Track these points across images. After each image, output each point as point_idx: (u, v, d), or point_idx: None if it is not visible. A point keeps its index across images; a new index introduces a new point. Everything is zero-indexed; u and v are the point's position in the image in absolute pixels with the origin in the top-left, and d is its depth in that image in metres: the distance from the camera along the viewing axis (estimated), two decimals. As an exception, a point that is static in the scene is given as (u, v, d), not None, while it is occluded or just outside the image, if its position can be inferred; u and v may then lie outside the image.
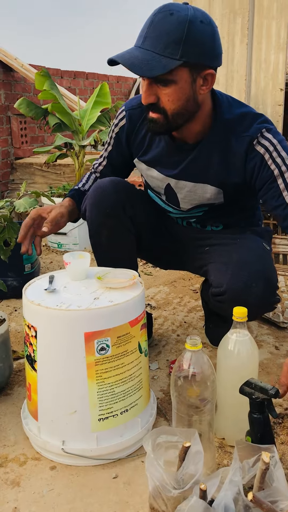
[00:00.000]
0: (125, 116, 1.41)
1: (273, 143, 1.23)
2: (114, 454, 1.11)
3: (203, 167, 1.31)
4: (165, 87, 1.14)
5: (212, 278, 1.36)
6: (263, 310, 1.36)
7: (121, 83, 6.86)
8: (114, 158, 1.50)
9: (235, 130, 1.25)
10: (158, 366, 1.53)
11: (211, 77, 1.17)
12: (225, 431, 1.17)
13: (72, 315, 1.03)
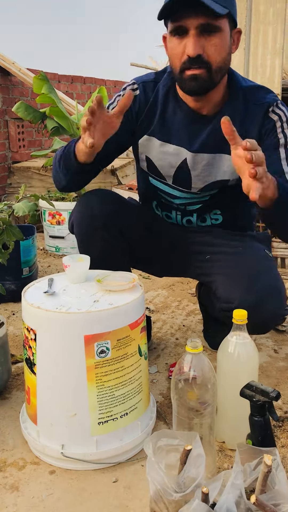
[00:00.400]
0: (138, 88, 1.35)
1: (286, 115, 1.27)
2: (114, 458, 1.10)
3: (222, 137, 1.27)
4: (213, 36, 1.15)
5: (221, 293, 1.32)
6: (276, 323, 1.34)
7: (119, 88, 6.87)
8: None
9: (253, 98, 1.29)
10: (157, 370, 1.53)
11: (238, 37, 1.23)
12: (225, 435, 1.16)
13: (72, 318, 1.02)
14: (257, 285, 1.26)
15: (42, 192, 3.49)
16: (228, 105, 1.29)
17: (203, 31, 1.14)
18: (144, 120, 1.36)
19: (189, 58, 1.16)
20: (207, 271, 1.41)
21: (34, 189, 3.64)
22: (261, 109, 1.27)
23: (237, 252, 1.36)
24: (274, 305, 1.26)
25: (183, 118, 1.32)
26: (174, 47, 1.19)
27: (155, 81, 1.35)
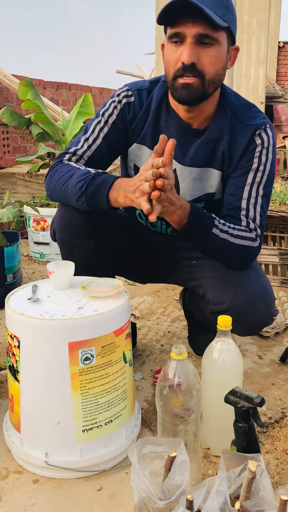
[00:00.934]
0: (133, 94, 1.33)
1: (269, 141, 1.28)
2: (98, 465, 1.09)
3: (211, 151, 1.30)
4: (209, 48, 1.15)
5: (210, 295, 1.34)
6: (265, 325, 1.35)
7: (104, 95, 6.89)
8: (109, 141, 1.35)
9: (242, 117, 1.29)
10: (142, 376, 1.52)
11: (235, 54, 1.23)
12: (210, 441, 1.16)
13: (56, 325, 1.02)
14: (247, 286, 1.27)
15: (26, 198, 3.47)
16: (217, 121, 1.29)
17: (200, 41, 1.13)
18: (136, 127, 1.34)
19: (183, 66, 1.15)
20: (194, 275, 1.42)
21: (19, 195, 3.62)
22: (249, 130, 1.27)
23: None
24: (265, 306, 1.28)
25: (174, 130, 1.31)
26: (170, 53, 1.18)
27: (149, 89, 1.34)
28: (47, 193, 1.36)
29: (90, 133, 1.34)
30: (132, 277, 1.63)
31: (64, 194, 1.27)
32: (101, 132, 1.34)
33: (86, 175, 1.22)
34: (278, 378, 1.53)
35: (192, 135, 1.31)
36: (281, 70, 10.73)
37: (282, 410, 1.34)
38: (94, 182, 1.20)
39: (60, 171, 1.29)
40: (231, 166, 1.29)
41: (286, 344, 1.76)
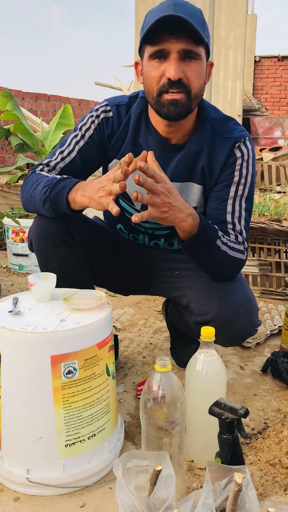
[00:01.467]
0: (111, 110, 1.33)
1: (249, 154, 1.29)
2: (81, 481, 1.07)
3: (190, 165, 1.31)
4: (193, 63, 1.16)
5: (194, 306, 1.34)
6: (249, 335, 1.35)
7: (83, 106, 6.91)
8: (84, 154, 1.34)
9: (220, 130, 1.30)
10: (124, 389, 1.51)
11: (210, 69, 1.25)
12: (194, 453, 1.16)
13: (38, 338, 1.00)
14: (231, 296, 1.28)
15: (5, 209, 3.44)
16: (196, 135, 1.30)
17: (184, 56, 1.15)
18: (115, 144, 1.34)
19: (169, 81, 1.15)
20: (177, 286, 1.42)
21: (-3, 206, 3.58)
22: (228, 143, 1.28)
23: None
24: (248, 316, 1.29)
25: (154, 145, 1.31)
26: (152, 70, 1.18)
27: (128, 104, 1.34)
28: (22, 205, 1.36)
29: (66, 146, 1.34)
30: (114, 289, 1.62)
31: (33, 202, 1.27)
32: (76, 146, 1.33)
33: (51, 181, 1.22)
34: (260, 388, 1.53)
35: (171, 150, 1.32)
36: (257, 84, 10.94)
37: (265, 421, 1.34)
38: (57, 186, 1.20)
39: (30, 182, 1.30)
40: (212, 179, 1.30)
41: (267, 355, 1.77)
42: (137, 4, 3.17)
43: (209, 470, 0.82)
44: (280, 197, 3.17)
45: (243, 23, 6.91)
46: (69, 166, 1.33)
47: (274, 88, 10.81)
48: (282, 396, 1.48)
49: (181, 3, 1.13)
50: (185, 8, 1.13)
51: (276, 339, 1.91)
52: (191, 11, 1.13)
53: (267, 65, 10.78)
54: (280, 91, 10.77)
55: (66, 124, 3.09)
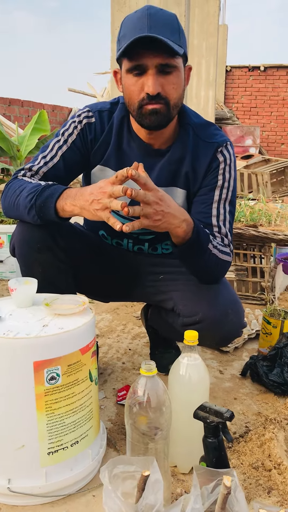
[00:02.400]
0: (94, 115, 1.33)
1: (231, 158, 1.31)
2: (64, 489, 1.05)
3: (174, 170, 1.32)
4: (170, 75, 1.17)
5: (182, 308, 1.34)
6: (236, 336, 1.37)
7: (57, 112, 6.88)
8: (67, 159, 1.33)
9: (203, 135, 1.31)
10: (104, 395, 1.50)
11: (188, 73, 1.25)
12: (177, 458, 1.15)
13: (21, 344, 0.98)
14: (219, 298, 1.30)
15: (-21, 215, 3.37)
16: (179, 141, 1.31)
17: (161, 70, 1.16)
18: (98, 149, 1.34)
19: (148, 96, 1.17)
20: (162, 289, 1.42)
21: None
22: (211, 148, 1.30)
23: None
24: (237, 317, 1.31)
25: (137, 151, 1.32)
26: (131, 84, 1.19)
27: (110, 110, 1.34)
28: (2, 211, 1.33)
29: (49, 151, 1.33)
30: (94, 295, 1.60)
31: (17, 209, 1.25)
32: (59, 151, 1.32)
33: (36, 188, 1.20)
34: (240, 392, 1.54)
35: (155, 155, 1.33)
36: (228, 93, 11.12)
37: (246, 425, 1.35)
38: (44, 194, 1.18)
39: (13, 188, 1.27)
40: (196, 183, 1.32)
41: (245, 359, 1.79)
42: (113, 11, 3.18)
43: (196, 474, 0.82)
44: (254, 203, 3.22)
45: (215, 33, 7.02)
46: (52, 170, 1.31)
47: (245, 98, 11.01)
48: (261, 400, 1.49)
49: (155, 13, 1.14)
50: (160, 19, 1.13)
51: (254, 343, 1.93)
52: (166, 21, 1.14)
53: (238, 74, 10.98)
54: (251, 101, 10.98)
55: (41, 130, 3.06)
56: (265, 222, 2.72)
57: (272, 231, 2.23)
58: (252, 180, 6.71)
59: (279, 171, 7.42)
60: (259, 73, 10.82)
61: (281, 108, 10.79)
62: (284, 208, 3.14)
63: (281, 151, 10.85)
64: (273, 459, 1.13)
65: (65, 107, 7.30)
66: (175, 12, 3.20)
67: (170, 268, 1.42)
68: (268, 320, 1.74)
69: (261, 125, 10.86)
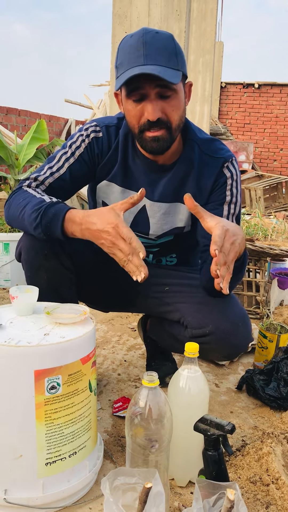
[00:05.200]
0: (101, 130, 1.34)
1: (237, 174, 1.34)
2: (60, 501, 1.04)
3: (178, 186, 1.33)
4: (170, 99, 1.17)
5: (190, 319, 1.34)
6: (244, 349, 1.37)
7: (53, 122, 6.90)
8: (73, 172, 1.33)
9: (208, 150, 1.32)
10: (100, 407, 1.49)
11: (189, 89, 1.26)
12: (175, 471, 1.14)
13: (22, 352, 0.97)
14: (230, 311, 1.30)
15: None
16: (184, 156, 1.33)
17: (161, 95, 1.16)
18: (105, 165, 1.35)
19: (148, 122, 1.18)
20: (167, 301, 1.42)
21: None
22: (217, 163, 1.31)
23: (197, 284, 1.38)
24: (246, 331, 1.31)
25: (142, 167, 1.33)
26: (131, 109, 1.20)
27: (117, 126, 1.35)
28: (6, 220, 1.33)
29: (55, 162, 1.33)
30: (96, 304, 1.59)
31: (22, 223, 1.25)
32: (66, 162, 1.33)
33: (40, 205, 1.19)
34: (236, 406, 1.54)
35: (159, 171, 1.34)
36: (223, 109, 11.25)
37: (242, 438, 1.35)
38: (48, 213, 1.17)
39: (17, 199, 1.27)
40: (202, 199, 1.33)
41: (241, 372, 1.79)
42: (114, 25, 3.22)
43: (198, 487, 0.82)
44: (250, 217, 3.24)
45: (211, 49, 7.11)
46: (57, 182, 1.32)
47: (238, 114, 11.14)
48: (258, 414, 1.49)
49: (151, 40, 1.13)
50: (156, 45, 1.13)
51: (249, 357, 1.93)
52: (162, 46, 1.14)
53: (232, 91, 11.12)
54: (244, 117, 11.11)
55: (40, 139, 3.07)
56: (261, 237, 2.74)
57: (269, 246, 2.24)
58: (246, 195, 6.76)
59: (272, 187, 7.50)
60: (253, 90, 10.97)
61: (274, 125, 10.93)
62: (280, 223, 3.17)
63: (273, 168, 10.97)
64: (271, 473, 1.13)
65: (61, 118, 7.32)
66: (176, 28, 3.25)
67: (176, 280, 1.42)
68: (264, 334, 1.75)
69: (254, 141, 10.99)
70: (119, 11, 3.24)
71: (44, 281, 1.25)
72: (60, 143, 3.51)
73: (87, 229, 1.13)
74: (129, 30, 3.22)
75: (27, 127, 5.89)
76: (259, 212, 3.30)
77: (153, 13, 3.23)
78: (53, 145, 3.21)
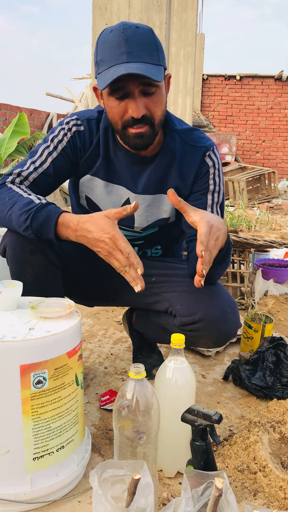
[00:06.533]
0: (82, 124, 1.33)
1: (218, 162, 1.34)
2: (49, 495, 1.04)
3: (161, 177, 1.33)
4: (153, 95, 1.17)
5: (179, 308, 1.34)
6: (233, 336, 1.37)
7: (34, 116, 6.83)
8: (57, 166, 1.32)
9: (189, 140, 1.32)
10: (87, 400, 1.48)
11: (168, 80, 1.25)
12: (163, 463, 1.15)
13: (7, 347, 0.96)
14: (218, 298, 1.31)
15: None
16: (166, 147, 1.32)
17: (144, 92, 1.16)
18: (88, 158, 1.34)
19: (132, 119, 1.17)
20: (155, 291, 1.42)
21: None
22: (198, 152, 1.31)
23: (184, 273, 1.39)
24: (235, 317, 1.32)
25: (123, 159, 1.33)
26: (113, 106, 1.18)
27: (98, 119, 1.34)
28: None
29: (38, 156, 1.31)
30: (81, 298, 1.58)
31: (9, 223, 1.23)
32: (49, 157, 1.31)
33: (29, 206, 1.18)
34: (223, 396, 1.55)
35: (142, 163, 1.33)
36: (205, 101, 11.26)
37: (229, 428, 1.36)
38: (39, 217, 1.16)
39: (2, 197, 1.25)
40: (186, 189, 1.33)
41: (227, 363, 1.80)
42: (94, 17, 3.18)
43: (187, 477, 0.82)
44: (234, 209, 3.25)
45: (192, 41, 7.10)
46: (41, 176, 1.30)
47: (221, 106, 11.16)
48: (244, 403, 1.50)
49: (132, 36, 1.12)
50: (137, 41, 1.12)
51: (235, 347, 1.95)
52: (143, 41, 1.13)
53: (214, 83, 11.13)
54: (227, 109, 11.14)
55: (21, 133, 3.04)
56: (245, 228, 2.75)
57: (253, 237, 2.26)
58: (229, 187, 6.79)
59: (255, 179, 7.54)
60: (235, 82, 10.99)
61: (256, 117, 10.99)
62: (263, 215, 3.19)
63: (256, 159, 11.04)
64: (258, 461, 1.14)
65: (43, 111, 7.26)
66: (157, 19, 3.23)
67: (162, 271, 1.42)
68: (249, 324, 1.76)
69: (237, 133, 11.04)
70: (99, 3, 3.21)
71: (30, 276, 1.24)
72: (41, 136, 3.47)
73: (83, 236, 1.13)
74: (110, 22, 3.20)
75: (8, 121, 5.82)
76: (242, 203, 3.32)
77: (133, 5, 3.20)
78: (35, 138, 3.17)
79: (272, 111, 10.87)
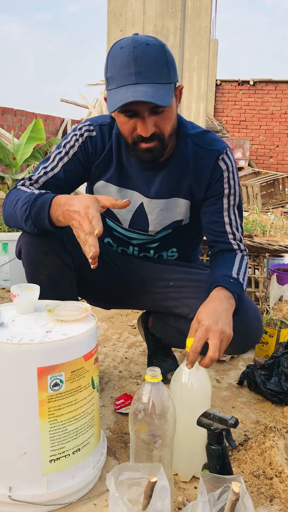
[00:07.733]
0: (95, 129, 1.34)
1: (232, 165, 1.34)
2: (65, 498, 1.04)
3: (175, 181, 1.34)
4: (162, 113, 1.16)
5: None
6: (256, 342, 1.39)
7: (49, 122, 6.90)
8: (68, 171, 1.34)
9: (202, 143, 1.32)
10: (102, 404, 1.49)
11: (180, 92, 1.25)
12: (178, 466, 1.15)
13: (25, 349, 0.97)
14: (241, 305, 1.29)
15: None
16: (178, 151, 1.32)
17: (153, 110, 1.15)
18: (100, 163, 1.35)
19: (141, 137, 1.18)
20: (173, 296, 1.42)
21: None
22: (212, 156, 1.31)
23: (202, 279, 1.39)
24: (258, 323, 1.33)
25: (136, 164, 1.33)
26: (123, 122, 1.19)
27: (110, 125, 1.35)
28: (3, 221, 1.34)
29: (50, 162, 1.34)
30: (97, 301, 1.59)
31: (15, 219, 1.25)
32: (60, 162, 1.33)
33: (29, 197, 1.20)
34: (237, 401, 1.55)
35: (154, 168, 1.34)
36: (218, 106, 11.26)
37: (245, 433, 1.35)
38: (36, 204, 1.18)
39: (10, 198, 1.28)
40: (200, 193, 1.34)
41: (242, 368, 1.79)
42: (109, 24, 3.21)
43: (203, 481, 0.82)
44: (248, 214, 3.24)
45: (206, 47, 7.12)
46: (52, 180, 1.32)
47: (234, 111, 11.15)
48: (259, 408, 1.49)
49: (142, 54, 1.10)
50: (147, 59, 1.11)
51: (250, 352, 1.94)
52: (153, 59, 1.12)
53: (227, 88, 11.13)
54: (240, 114, 11.12)
55: (37, 138, 3.07)
56: (260, 233, 2.74)
57: (267, 242, 2.25)
58: (243, 192, 6.77)
59: (269, 184, 7.51)
60: (248, 87, 10.98)
61: (270, 122, 10.95)
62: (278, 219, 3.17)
63: (270, 164, 10.99)
64: (274, 467, 1.13)
65: (57, 117, 7.32)
66: (171, 26, 3.25)
67: (180, 275, 1.43)
68: (264, 329, 1.75)
69: (250, 138, 11.01)
70: (114, 10, 3.24)
71: (44, 278, 1.25)
72: (56, 142, 3.51)
73: (66, 211, 1.13)
74: (124, 28, 3.22)
75: (23, 127, 5.89)
76: (257, 208, 3.30)
77: (148, 11, 3.22)
78: (50, 144, 3.21)
79: (286, 116, 10.83)
